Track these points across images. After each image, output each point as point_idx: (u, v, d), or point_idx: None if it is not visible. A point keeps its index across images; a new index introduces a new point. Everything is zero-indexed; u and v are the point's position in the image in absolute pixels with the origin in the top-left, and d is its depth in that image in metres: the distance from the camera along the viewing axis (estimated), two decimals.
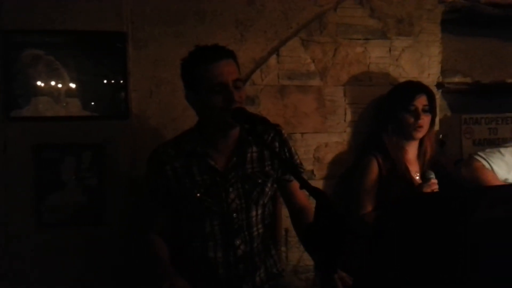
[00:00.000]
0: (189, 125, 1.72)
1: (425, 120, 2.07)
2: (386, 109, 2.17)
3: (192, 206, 1.60)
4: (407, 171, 2.11)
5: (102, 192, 2.00)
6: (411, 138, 2.11)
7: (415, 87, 2.13)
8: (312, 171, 2.25)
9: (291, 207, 1.72)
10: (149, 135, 2.02)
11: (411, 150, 2.15)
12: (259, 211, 1.64)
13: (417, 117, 2.06)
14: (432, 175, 1.98)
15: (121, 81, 2.02)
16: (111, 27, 2.01)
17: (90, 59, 1.99)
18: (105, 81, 2.01)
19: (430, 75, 2.40)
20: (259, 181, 1.63)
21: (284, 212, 1.89)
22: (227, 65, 1.53)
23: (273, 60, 2.19)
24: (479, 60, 2.66)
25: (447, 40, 2.49)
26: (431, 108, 2.10)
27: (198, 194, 1.58)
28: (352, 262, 1.21)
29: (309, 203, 1.68)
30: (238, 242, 1.61)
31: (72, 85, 1.98)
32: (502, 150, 2.04)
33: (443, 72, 2.46)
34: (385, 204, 0.94)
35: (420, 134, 2.09)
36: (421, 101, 2.08)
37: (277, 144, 1.66)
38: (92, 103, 2.01)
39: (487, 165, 2.01)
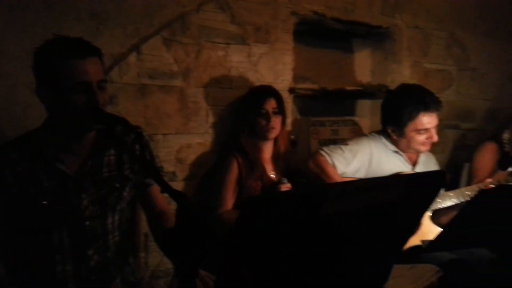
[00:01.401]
0: (32, 125, 1.44)
1: (276, 121, 2.13)
2: (241, 113, 2.19)
3: (38, 216, 1.36)
4: (264, 170, 2.16)
5: None
6: (265, 138, 2.15)
7: (265, 92, 2.17)
8: (174, 172, 2.12)
9: (150, 212, 1.58)
10: None
11: (267, 150, 2.19)
12: (116, 218, 1.48)
13: (268, 119, 2.11)
14: (285, 180, 2.07)
15: None
16: None
17: None
18: None
19: (283, 81, 2.45)
20: (117, 185, 1.47)
21: (144, 216, 1.73)
22: (93, 64, 1.33)
23: (133, 57, 1.99)
24: (325, 69, 2.82)
25: (299, 49, 2.58)
26: (280, 110, 2.16)
27: (45, 202, 1.35)
28: (212, 262, 1.17)
29: (169, 207, 1.56)
30: (91, 252, 1.42)
31: None
32: (343, 147, 2.18)
33: (295, 78, 2.54)
34: (242, 204, 0.93)
35: (273, 135, 2.14)
36: (270, 105, 2.13)
37: (137, 146, 1.51)
38: None
39: (329, 160, 2.12)
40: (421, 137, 2.11)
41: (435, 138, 2.12)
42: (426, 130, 2.10)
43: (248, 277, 0.91)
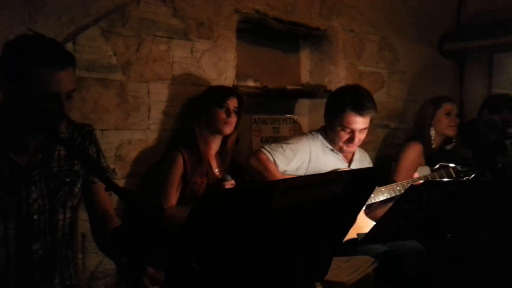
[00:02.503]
0: None
1: (233, 119, 2.15)
2: (200, 104, 2.16)
3: None
4: (210, 166, 2.14)
5: None
6: (219, 132, 2.14)
7: (230, 90, 2.21)
8: (114, 169, 2.02)
9: (93, 211, 1.51)
10: None
11: (214, 146, 2.18)
12: (68, 215, 1.43)
13: (228, 114, 2.12)
14: (229, 177, 2.09)
15: None
16: None
17: None
18: None
19: (227, 78, 2.43)
20: (67, 180, 1.42)
21: (82, 215, 1.63)
22: (66, 75, 1.29)
23: (68, 48, 1.85)
24: (267, 67, 2.84)
25: (241, 47, 2.57)
26: (239, 112, 2.18)
27: None
28: (161, 258, 1.14)
29: (112, 209, 1.53)
30: (36, 246, 1.36)
31: None
32: (284, 146, 2.21)
33: (238, 76, 2.53)
34: (198, 199, 0.94)
35: (228, 130, 2.14)
36: (232, 103, 2.15)
37: (87, 143, 1.49)
38: None
39: (270, 158, 2.14)
40: (344, 135, 2.17)
41: (356, 142, 2.17)
42: (351, 130, 2.16)
43: (199, 272, 0.90)
